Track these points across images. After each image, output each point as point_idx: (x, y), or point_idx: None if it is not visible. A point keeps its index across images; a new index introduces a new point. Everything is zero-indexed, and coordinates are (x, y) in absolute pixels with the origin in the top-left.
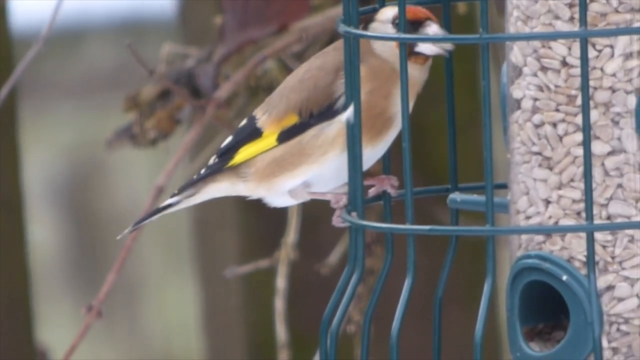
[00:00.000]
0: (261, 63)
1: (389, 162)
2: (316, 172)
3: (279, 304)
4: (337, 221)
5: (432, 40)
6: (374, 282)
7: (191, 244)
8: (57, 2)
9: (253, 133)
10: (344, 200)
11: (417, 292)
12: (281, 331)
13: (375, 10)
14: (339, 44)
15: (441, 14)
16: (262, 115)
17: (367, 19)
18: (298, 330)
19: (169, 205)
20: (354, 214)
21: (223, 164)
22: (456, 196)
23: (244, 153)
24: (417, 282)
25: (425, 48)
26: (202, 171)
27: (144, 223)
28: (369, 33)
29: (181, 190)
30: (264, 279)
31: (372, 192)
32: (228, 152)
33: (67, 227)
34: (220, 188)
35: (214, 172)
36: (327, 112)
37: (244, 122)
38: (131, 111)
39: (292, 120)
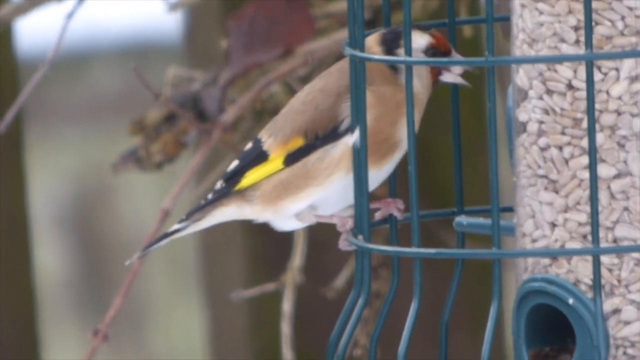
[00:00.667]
0: (267, 86)
1: (394, 185)
2: (322, 194)
3: (285, 328)
4: (343, 244)
5: (436, 64)
6: (380, 306)
7: (197, 267)
8: (62, 25)
9: (259, 156)
10: (350, 223)
11: (423, 315)
12: (287, 354)
13: None
14: (344, 63)
15: (447, 37)
16: (267, 138)
17: (390, 43)
18: (304, 353)
19: (177, 230)
20: (360, 237)
21: (229, 188)
22: (462, 219)
23: (250, 177)
24: (423, 305)
25: (449, 77)
26: (209, 196)
27: (152, 248)
28: (374, 56)
29: (188, 215)
30: (270, 302)
31: (378, 215)
32: (234, 177)
33: (73, 250)
34: (227, 212)
35: (220, 197)
36: (332, 135)
37: (249, 145)
38: (137, 135)
39: (298, 142)
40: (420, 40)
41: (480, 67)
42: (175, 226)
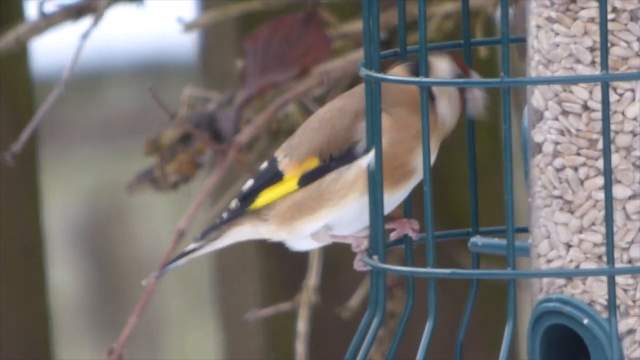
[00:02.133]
0: (282, 107)
1: (410, 206)
2: (336, 215)
3: (300, 347)
4: (358, 265)
5: (453, 84)
6: (395, 326)
7: (213, 287)
8: (78, 45)
9: (274, 177)
10: (365, 244)
11: (438, 335)
12: None
13: (397, 54)
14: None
15: (463, 58)
16: (283, 158)
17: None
18: None
19: (193, 250)
20: (375, 257)
21: (244, 207)
22: (477, 240)
23: (265, 197)
24: (438, 326)
25: (473, 108)
26: (224, 215)
27: (169, 268)
28: (390, 77)
29: (204, 234)
30: (285, 322)
31: (393, 235)
32: (249, 196)
33: (88, 270)
34: (242, 231)
35: (235, 216)
36: (346, 156)
37: (264, 164)
38: (152, 155)
39: (313, 163)
40: (442, 64)
41: (496, 89)
42: (192, 245)
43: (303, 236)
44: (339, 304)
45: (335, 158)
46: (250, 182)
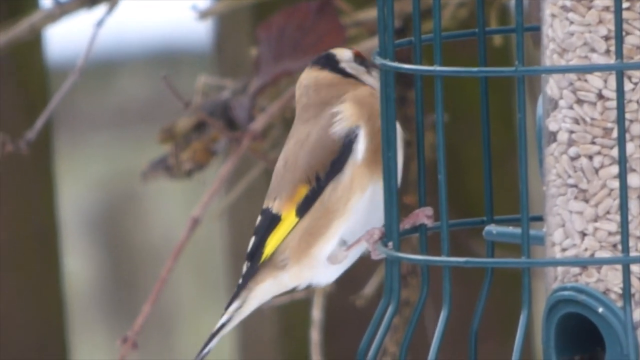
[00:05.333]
0: None
1: (424, 195)
2: (347, 223)
3: (315, 336)
4: (374, 254)
5: (468, 74)
6: (410, 314)
7: (226, 275)
8: (92, 33)
9: (272, 221)
10: (377, 233)
11: (452, 323)
12: None
13: (411, 43)
14: (302, 115)
15: (477, 47)
16: (273, 203)
17: (329, 63)
18: None
19: (223, 326)
20: (389, 245)
21: (256, 263)
22: (492, 228)
23: (272, 243)
24: (452, 314)
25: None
26: (240, 281)
27: (205, 352)
28: (405, 66)
29: (228, 305)
30: (300, 310)
31: (408, 224)
32: (257, 251)
33: (102, 258)
34: (264, 288)
35: (252, 275)
36: (333, 169)
37: (259, 218)
38: (167, 143)
39: (303, 191)
40: (346, 53)
41: (510, 78)
42: (220, 321)
43: (324, 263)
44: (354, 292)
45: (323, 178)
46: (252, 240)
